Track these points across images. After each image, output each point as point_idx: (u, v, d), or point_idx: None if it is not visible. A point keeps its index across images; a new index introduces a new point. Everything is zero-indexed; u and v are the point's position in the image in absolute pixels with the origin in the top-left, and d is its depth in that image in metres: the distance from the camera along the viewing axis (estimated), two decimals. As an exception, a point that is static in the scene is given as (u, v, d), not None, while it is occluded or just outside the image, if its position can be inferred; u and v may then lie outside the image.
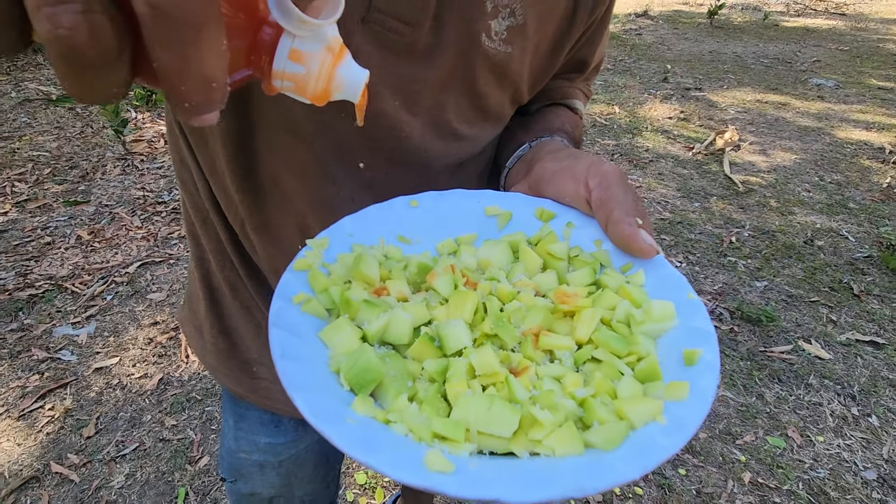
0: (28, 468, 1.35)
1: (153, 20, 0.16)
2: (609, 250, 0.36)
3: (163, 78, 0.17)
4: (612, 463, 0.24)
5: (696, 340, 0.28)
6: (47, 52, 0.16)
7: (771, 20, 7.28)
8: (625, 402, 0.26)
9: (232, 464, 0.64)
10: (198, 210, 0.51)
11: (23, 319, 1.82)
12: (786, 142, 3.47)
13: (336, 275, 0.34)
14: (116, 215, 2.43)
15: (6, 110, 3.47)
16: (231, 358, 0.56)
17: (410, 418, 0.26)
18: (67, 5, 0.15)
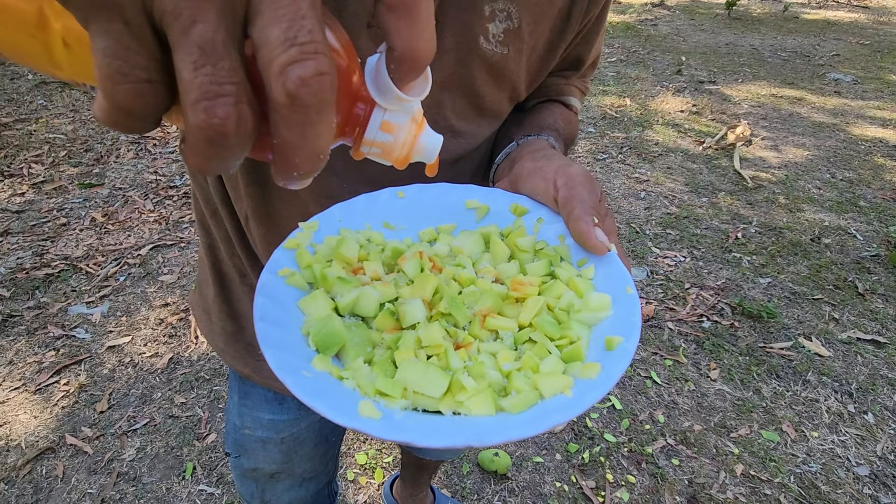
0: (44, 440, 1.41)
1: (288, 107, 0.18)
2: (570, 245, 0.39)
3: (280, 152, 0.19)
4: (513, 423, 0.28)
5: (621, 330, 0.32)
6: (189, 136, 0.18)
7: (791, 12, 7.13)
8: (542, 376, 0.30)
9: (236, 439, 0.68)
10: (208, 202, 0.55)
11: (39, 298, 1.88)
12: (799, 138, 3.43)
13: (320, 254, 0.38)
14: (129, 198, 2.49)
15: (23, 92, 3.53)
16: (238, 340, 0.60)
17: (360, 376, 0.30)
18: (224, 98, 0.17)
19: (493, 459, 1.36)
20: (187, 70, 0.17)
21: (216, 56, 0.17)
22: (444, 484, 1.37)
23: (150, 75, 0.17)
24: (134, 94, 0.17)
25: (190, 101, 0.17)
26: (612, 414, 1.55)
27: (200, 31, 0.16)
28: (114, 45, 0.16)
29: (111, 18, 0.16)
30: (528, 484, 1.36)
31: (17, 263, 2.03)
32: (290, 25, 0.17)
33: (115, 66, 0.16)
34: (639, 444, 1.46)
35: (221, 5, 0.17)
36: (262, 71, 0.17)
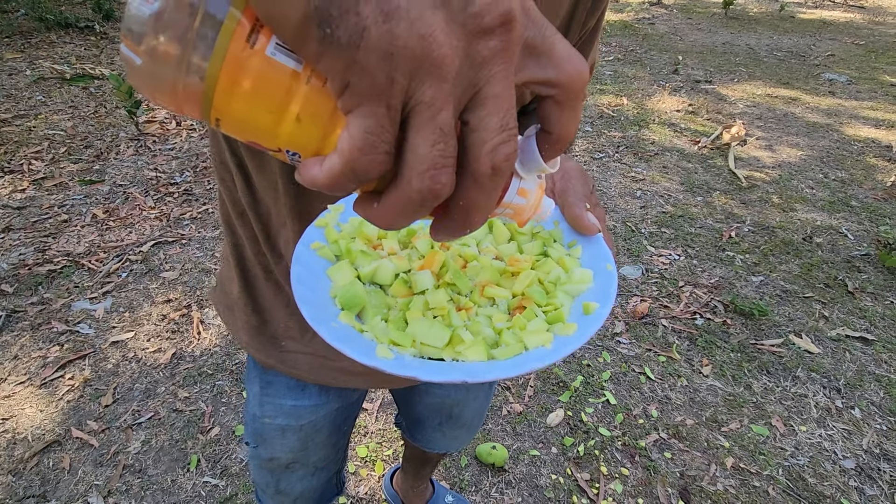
0: (50, 433, 1.43)
1: (488, 177, 0.22)
2: (563, 230, 0.45)
3: (462, 213, 0.23)
4: (499, 366, 0.34)
5: (599, 298, 0.38)
6: (399, 198, 0.22)
7: (787, 12, 7.17)
8: (527, 333, 0.37)
9: (256, 429, 0.71)
10: (235, 204, 0.58)
11: (42, 293, 1.90)
12: (793, 138, 3.47)
13: (345, 232, 0.44)
14: (130, 195, 2.50)
15: (21, 88, 3.53)
16: (262, 333, 0.63)
17: (377, 330, 0.37)
18: (446, 169, 0.21)
19: (491, 452, 1.40)
20: (425, 146, 0.20)
21: (447, 137, 0.20)
22: (443, 476, 1.41)
23: (390, 148, 0.21)
24: (376, 163, 0.21)
25: (420, 170, 0.21)
26: (606, 408, 1.59)
27: (444, 117, 0.20)
28: (374, 124, 0.20)
29: (379, 104, 0.19)
30: (524, 476, 1.40)
31: (19, 259, 2.04)
32: (504, 115, 0.21)
33: (370, 141, 0.20)
34: (632, 438, 1.50)
35: (458, 99, 0.20)
36: (472, 147, 0.21)
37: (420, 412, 0.90)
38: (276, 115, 0.21)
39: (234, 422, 1.49)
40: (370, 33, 0.18)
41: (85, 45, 4.39)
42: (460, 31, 0.19)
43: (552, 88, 0.23)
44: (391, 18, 0.18)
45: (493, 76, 0.21)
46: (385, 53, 0.18)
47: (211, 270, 2.06)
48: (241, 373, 1.65)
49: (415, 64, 0.19)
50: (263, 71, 0.20)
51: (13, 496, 1.29)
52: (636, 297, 2.02)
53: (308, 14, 0.18)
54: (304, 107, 0.21)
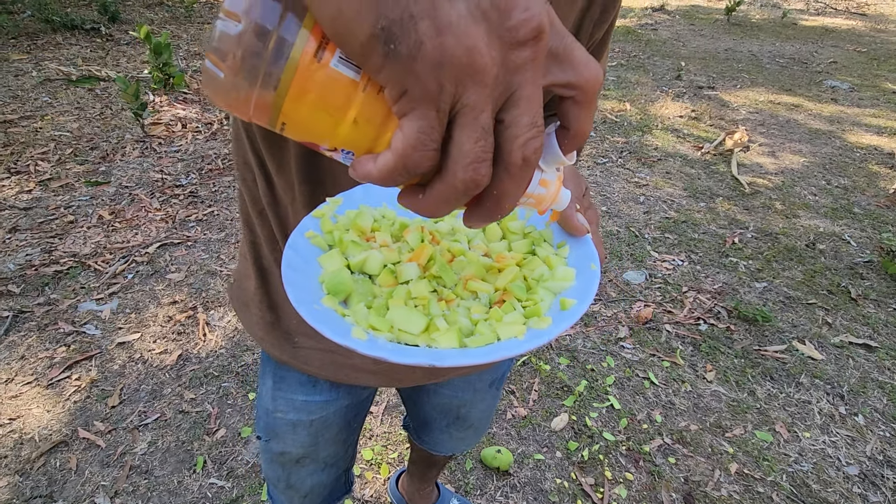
0: (57, 433, 1.44)
1: (519, 167, 0.25)
2: (554, 230, 0.47)
3: (495, 201, 0.26)
4: (469, 353, 0.35)
5: (578, 296, 0.39)
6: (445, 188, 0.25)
7: (789, 18, 7.20)
8: (502, 324, 0.38)
9: (268, 423, 0.72)
10: (255, 203, 0.60)
11: (49, 294, 1.91)
12: (795, 144, 3.49)
13: (341, 223, 0.46)
14: (136, 197, 2.52)
15: (28, 89, 3.55)
16: (276, 329, 0.64)
17: (358, 316, 0.38)
18: (486, 162, 0.24)
19: (496, 456, 1.40)
20: (469, 143, 0.23)
21: (487, 134, 0.23)
22: (448, 479, 1.41)
23: (438, 146, 0.24)
24: (426, 159, 0.24)
25: (465, 164, 0.24)
26: (610, 413, 1.60)
27: (485, 117, 0.23)
28: (426, 125, 0.23)
29: (430, 108, 0.22)
30: (529, 480, 1.41)
31: (26, 260, 2.05)
32: (534, 114, 0.24)
33: (422, 139, 0.23)
34: (637, 443, 1.51)
35: (496, 101, 0.23)
36: (506, 142, 0.24)
37: (427, 413, 0.90)
38: (336, 119, 0.24)
39: (240, 423, 1.50)
40: (426, 47, 0.21)
41: (91, 47, 4.41)
42: (498, 43, 0.22)
43: (572, 90, 0.26)
44: (442, 33, 0.21)
45: (525, 81, 0.23)
46: (437, 64, 0.21)
47: (216, 272, 2.07)
48: (246, 374, 1.65)
49: (461, 72, 0.22)
50: (328, 82, 0.23)
51: (20, 496, 1.29)
52: (640, 303, 2.03)
53: (375, 33, 0.20)
54: (361, 111, 0.24)
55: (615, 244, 2.39)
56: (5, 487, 1.31)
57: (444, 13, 0.20)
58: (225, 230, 2.32)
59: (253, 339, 0.69)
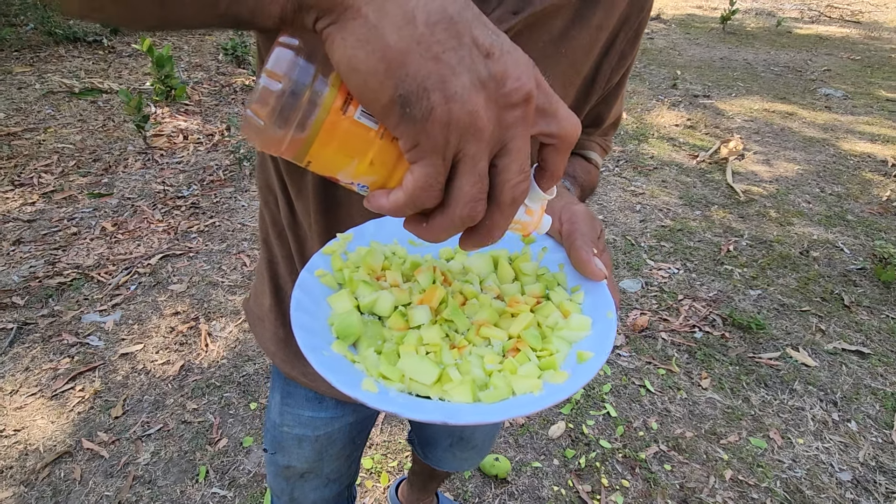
0: (61, 444, 1.46)
1: (508, 205, 0.29)
2: (568, 273, 0.46)
3: (486, 230, 0.31)
4: (483, 410, 0.35)
5: (595, 347, 0.39)
6: (446, 220, 0.29)
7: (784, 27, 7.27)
8: (517, 377, 0.37)
9: (275, 437, 0.75)
10: (275, 224, 0.63)
11: (52, 306, 1.93)
12: (790, 152, 3.53)
13: (351, 261, 0.46)
14: (138, 208, 2.55)
15: (31, 102, 3.59)
16: (288, 346, 0.67)
17: (369, 362, 0.38)
18: (481, 201, 0.29)
19: (494, 464, 1.42)
20: (468, 185, 0.28)
21: (483, 178, 0.28)
22: (447, 487, 1.43)
23: (441, 187, 0.28)
24: (432, 198, 0.28)
25: (464, 202, 0.28)
26: (607, 421, 1.62)
27: (482, 166, 0.28)
28: (433, 171, 0.27)
29: (437, 158, 0.27)
30: (526, 488, 1.43)
31: (30, 272, 2.08)
32: (522, 162, 0.29)
33: (430, 182, 0.28)
34: (633, 450, 1.53)
35: (491, 151, 0.28)
36: (498, 185, 0.29)
37: (432, 432, 0.93)
38: (356, 159, 0.29)
39: (242, 433, 1.52)
40: (436, 112, 0.25)
41: (93, 59, 4.46)
42: (495, 106, 0.27)
43: (554, 139, 0.31)
44: (450, 101, 0.25)
45: (516, 135, 0.28)
46: (444, 125, 0.26)
47: (218, 283, 2.10)
48: (248, 385, 1.68)
49: (464, 131, 0.26)
50: (351, 130, 0.28)
51: (25, 506, 1.31)
52: (636, 311, 2.06)
53: (394, 99, 0.25)
54: (377, 154, 0.29)
55: (612, 253, 2.42)
56: (11, 498, 1.33)
57: (450, 85, 0.25)
58: (226, 241, 2.35)
59: (265, 353, 0.71)
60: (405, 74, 0.24)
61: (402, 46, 0.24)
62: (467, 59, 0.26)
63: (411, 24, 0.24)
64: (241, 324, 1.91)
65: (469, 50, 0.26)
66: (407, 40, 0.24)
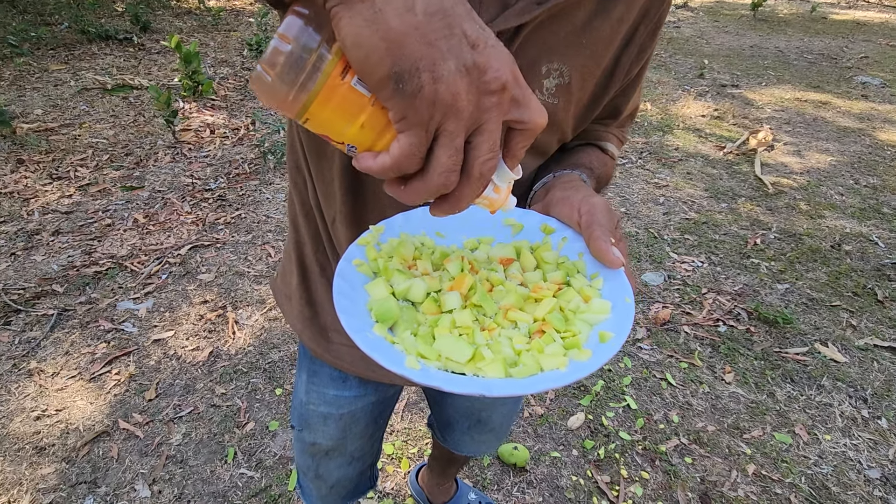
0: (99, 424, 1.53)
1: (477, 178, 0.33)
2: (587, 262, 0.48)
3: (454, 198, 0.34)
4: (515, 384, 0.37)
5: (615, 329, 0.40)
6: (423, 185, 0.33)
7: (819, 13, 7.01)
8: (544, 356, 0.40)
9: (301, 414, 0.78)
10: (303, 205, 0.65)
11: (90, 293, 2.02)
12: (823, 143, 3.42)
13: (384, 251, 0.49)
14: (168, 201, 2.63)
15: (66, 98, 3.72)
16: (314, 324, 0.70)
17: (407, 343, 0.41)
18: (455, 172, 0.32)
19: (513, 453, 1.44)
20: (446, 157, 0.31)
21: (459, 152, 0.32)
22: (466, 475, 1.46)
23: (423, 155, 0.32)
24: (413, 164, 0.32)
25: (439, 171, 0.32)
26: (627, 413, 1.61)
27: (458, 141, 0.31)
28: (416, 141, 0.31)
29: (421, 129, 0.30)
30: (545, 477, 1.44)
31: (68, 261, 2.18)
32: (493, 142, 0.32)
33: (413, 151, 0.31)
34: (653, 443, 1.52)
35: (468, 129, 0.31)
36: (470, 159, 0.33)
37: (450, 415, 0.95)
38: (349, 122, 0.32)
39: (268, 417, 1.57)
40: (425, 90, 0.29)
41: (124, 56, 4.59)
42: (475, 91, 0.30)
43: (524, 125, 0.34)
44: (437, 81, 0.28)
45: (490, 118, 0.31)
46: (430, 102, 0.29)
47: (244, 273, 2.15)
48: (273, 371, 1.73)
49: (446, 109, 0.29)
50: (347, 95, 0.31)
51: (67, 482, 1.39)
52: (658, 304, 2.04)
53: (389, 75, 0.28)
54: (367, 120, 0.32)
55: (634, 245, 2.39)
56: (53, 474, 1.40)
57: (439, 68, 0.28)
58: (252, 233, 2.41)
59: (293, 330, 0.75)
60: (402, 54, 0.28)
61: (402, 30, 0.27)
62: (456, 47, 0.29)
63: (411, 11, 0.27)
64: (267, 312, 1.96)
65: (459, 39, 0.29)
66: (406, 25, 0.27)
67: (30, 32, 4.65)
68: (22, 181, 2.70)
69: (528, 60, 0.48)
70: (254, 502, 1.35)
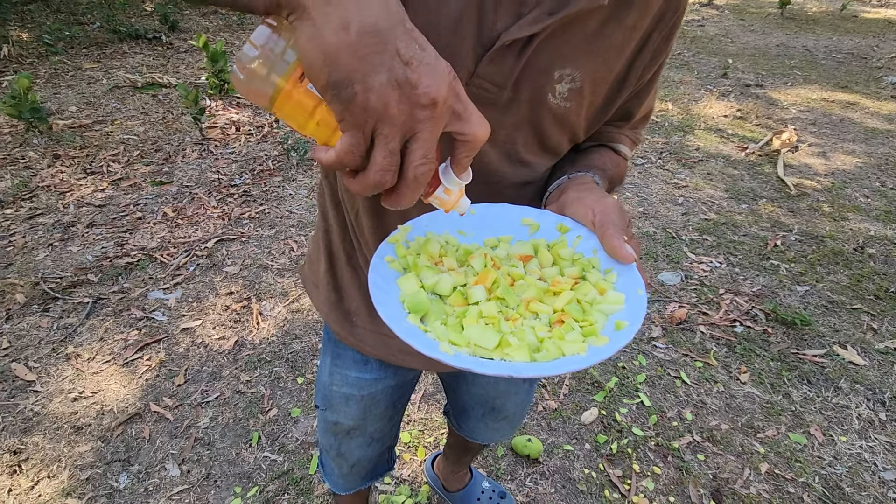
0: (132, 406, 1.62)
1: (412, 180, 0.37)
2: (601, 258, 0.51)
3: (395, 195, 0.39)
4: (540, 366, 0.41)
5: (629, 318, 0.44)
6: (363, 181, 0.37)
7: (849, 11, 6.84)
8: (565, 342, 0.44)
9: (325, 395, 0.83)
10: (333, 196, 0.70)
11: (122, 283, 2.11)
12: (849, 144, 3.36)
13: (412, 248, 0.53)
14: (196, 196, 2.72)
15: (99, 96, 3.86)
16: (339, 308, 0.74)
17: (438, 332, 0.45)
18: (390, 171, 0.36)
19: (527, 445, 1.47)
20: (380, 157, 0.36)
21: (392, 154, 0.36)
22: (481, 465, 1.50)
23: (363, 154, 0.36)
24: (353, 161, 0.36)
25: (375, 169, 0.36)
26: (640, 410, 1.63)
27: (393, 144, 0.35)
28: (354, 142, 0.35)
29: (358, 131, 0.35)
30: (558, 469, 1.47)
31: (101, 252, 2.28)
32: (427, 149, 0.36)
33: (351, 149, 0.35)
34: (666, 439, 1.54)
35: (403, 134, 0.35)
36: (406, 163, 0.37)
37: (466, 402, 0.98)
38: (306, 118, 0.37)
39: (290, 405, 1.63)
40: (358, 97, 0.33)
41: (153, 55, 4.73)
42: (407, 102, 0.34)
43: (465, 137, 0.38)
44: (368, 91, 0.33)
45: (424, 129, 0.35)
46: (363, 108, 0.33)
47: (268, 266, 2.23)
48: (295, 361, 1.79)
49: (379, 115, 0.34)
50: (303, 96, 0.36)
51: (102, 459, 1.47)
52: (674, 303, 2.04)
53: (328, 82, 0.33)
54: (321, 118, 0.37)
55: (651, 245, 2.39)
56: (90, 451, 1.48)
57: (370, 80, 0.32)
58: (275, 227, 2.48)
59: (319, 314, 0.80)
60: (336, 66, 0.32)
61: (337, 45, 0.32)
62: (388, 62, 0.33)
63: (346, 30, 0.32)
64: (290, 304, 2.03)
65: (391, 56, 0.33)
66: (341, 42, 0.32)
67: (64, 32, 4.82)
68: (58, 175, 2.82)
69: (541, 66, 0.51)
70: (276, 484, 1.41)
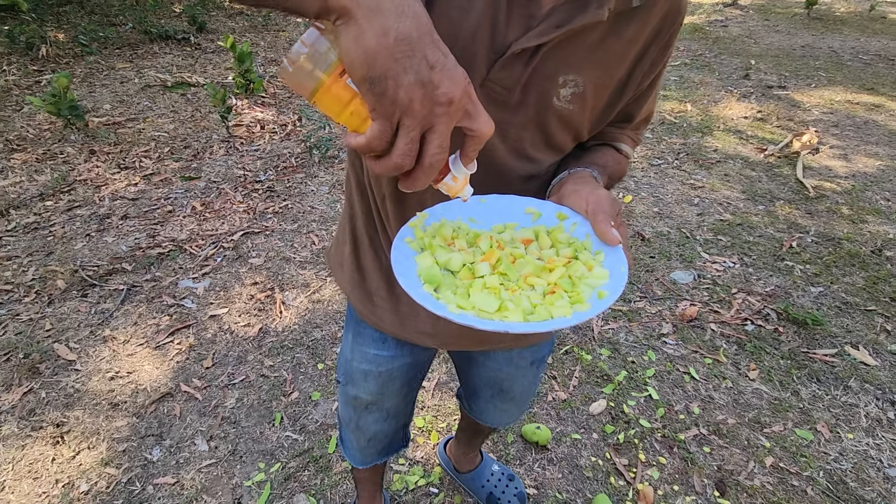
0: (164, 386, 1.72)
1: (427, 167, 0.43)
2: (592, 241, 0.59)
3: (411, 178, 0.45)
4: (532, 325, 0.48)
5: (611, 290, 0.51)
6: (385, 163, 0.43)
7: (878, 12, 6.69)
8: (554, 307, 0.52)
9: (346, 370, 0.90)
10: (359, 184, 0.77)
11: (154, 272, 2.23)
12: (872, 147, 3.32)
13: (428, 232, 0.61)
14: (222, 191, 2.84)
15: (132, 95, 4.02)
16: (361, 288, 0.81)
17: (448, 299, 0.52)
18: (409, 156, 0.42)
19: (535, 432, 1.53)
20: (402, 143, 0.42)
21: (413, 142, 0.42)
22: (491, 450, 1.56)
23: (388, 141, 0.42)
24: (380, 146, 0.42)
25: (398, 153, 0.42)
26: (648, 403, 1.67)
27: (413, 134, 0.42)
28: (382, 129, 0.41)
29: (386, 121, 0.41)
30: (565, 456, 1.52)
31: (135, 243, 2.40)
32: (441, 140, 0.43)
33: (379, 136, 0.42)
34: (672, 431, 1.58)
35: (422, 126, 0.41)
36: (423, 151, 0.43)
37: (476, 384, 1.05)
38: (342, 108, 0.43)
39: (311, 389, 1.72)
40: (389, 92, 0.39)
41: (182, 55, 4.90)
42: (429, 99, 0.40)
43: (473, 132, 0.45)
44: (398, 88, 0.39)
45: (440, 122, 0.41)
46: (392, 101, 0.39)
47: (290, 259, 2.32)
48: (316, 348, 1.87)
49: (404, 108, 0.39)
50: (342, 89, 0.43)
51: (137, 434, 1.57)
52: (686, 301, 2.07)
53: (365, 77, 0.39)
54: (354, 109, 0.43)
55: (664, 244, 2.42)
56: (125, 426, 1.59)
57: (401, 78, 0.38)
58: (298, 222, 2.58)
59: (343, 293, 0.87)
60: (374, 64, 0.38)
61: (376, 48, 0.38)
62: (417, 65, 0.39)
63: (385, 36, 0.37)
64: (311, 295, 2.12)
65: (419, 60, 0.39)
66: (380, 45, 0.37)
67: (98, 33, 5.02)
68: (94, 170, 2.97)
69: (547, 73, 0.58)
70: (297, 461, 1.50)
